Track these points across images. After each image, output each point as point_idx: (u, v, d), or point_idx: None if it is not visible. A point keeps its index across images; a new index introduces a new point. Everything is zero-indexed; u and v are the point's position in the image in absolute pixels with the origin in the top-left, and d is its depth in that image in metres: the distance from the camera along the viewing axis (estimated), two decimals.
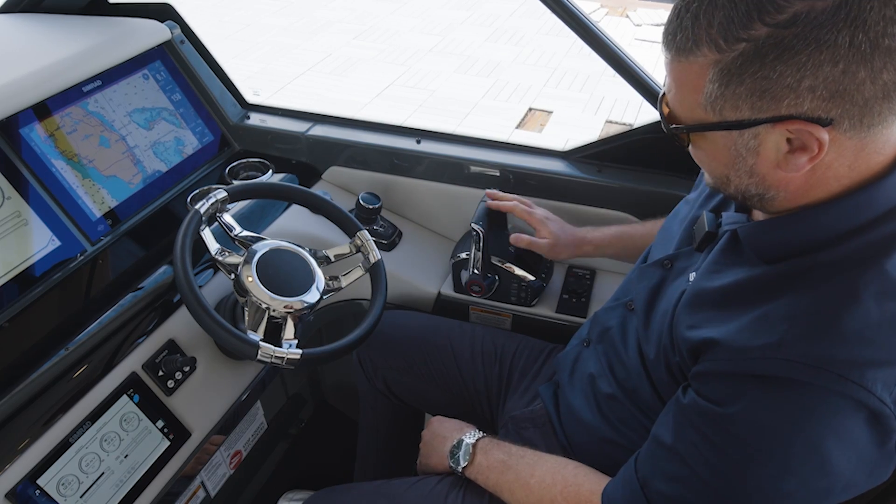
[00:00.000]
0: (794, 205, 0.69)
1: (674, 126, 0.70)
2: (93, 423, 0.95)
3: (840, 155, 0.63)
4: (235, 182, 1.38)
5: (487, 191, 1.32)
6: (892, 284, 0.64)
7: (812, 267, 0.67)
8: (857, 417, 0.63)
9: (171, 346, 1.07)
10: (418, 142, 1.45)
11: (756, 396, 0.66)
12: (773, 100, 0.60)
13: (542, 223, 1.26)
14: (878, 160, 0.65)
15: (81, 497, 0.93)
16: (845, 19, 0.55)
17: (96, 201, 1.18)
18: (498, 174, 1.39)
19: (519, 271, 1.30)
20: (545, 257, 1.32)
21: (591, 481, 0.86)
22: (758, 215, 0.77)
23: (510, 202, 1.29)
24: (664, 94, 0.71)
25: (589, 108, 4.47)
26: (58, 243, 1.10)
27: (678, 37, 0.63)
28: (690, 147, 0.72)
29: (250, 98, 1.56)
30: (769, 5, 0.57)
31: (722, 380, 0.69)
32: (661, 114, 0.73)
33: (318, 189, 1.49)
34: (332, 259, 1.13)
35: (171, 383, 1.05)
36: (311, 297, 1.03)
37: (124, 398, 0.99)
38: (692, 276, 0.82)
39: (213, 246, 1.01)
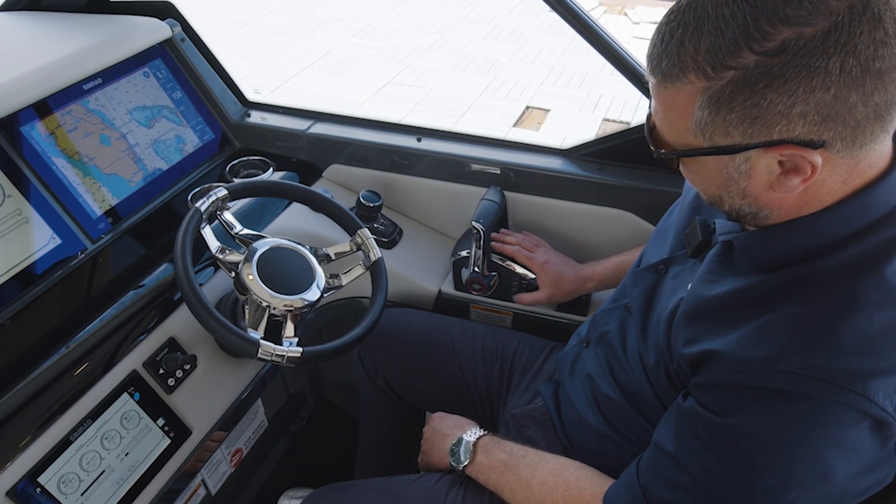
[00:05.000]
0: (788, 219, 0.68)
1: (663, 151, 0.69)
2: (93, 422, 0.95)
3: (833, 173, 0.63)
4: (236, 180, 1.38)
5: (494, 234, 1.31)
6: (893, 292, 0.63)
7: (810, 275, 0.67)
8: (860, 427, 0.62)
9: (172, 344, 1.07)
10: (419, 140, 1.45)
11: (758, 408, 0.66)
12: (765, 126, 0.59)
13: (541, 269, 1.26)
14: (871, 172, 0.65)
15: (82, 495, 0.92)
16: (835, 45, 0.54)
17: (97, 199, 1.18)
18: (498, 172, 1.39)
19: (520, 269, 1.30)
20: None
21: (593, 484, 0.86)
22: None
23: (512, 246, 1.29)
24: (650, 115, 0.70)
25: (586, 106, 4.46)
26: (58, 241, 1.09)
27: (664, 63, 0.62)
28: (681, 168, 0.71)
29: (251, 96, 1.56)
30: (757, 33, 0.56)
31: (723, 391, 0.69)
32: (649, 136, 0.71)
33: (318, 187, 1.49)
34: (333, 257, 1.13)
35: (171, 381, 1.05)
36: (312, 295, 1.03)
37: (125, 396, 0.99)
38: (689, 285, 0.81)
39: (213, 244, 1.01)
